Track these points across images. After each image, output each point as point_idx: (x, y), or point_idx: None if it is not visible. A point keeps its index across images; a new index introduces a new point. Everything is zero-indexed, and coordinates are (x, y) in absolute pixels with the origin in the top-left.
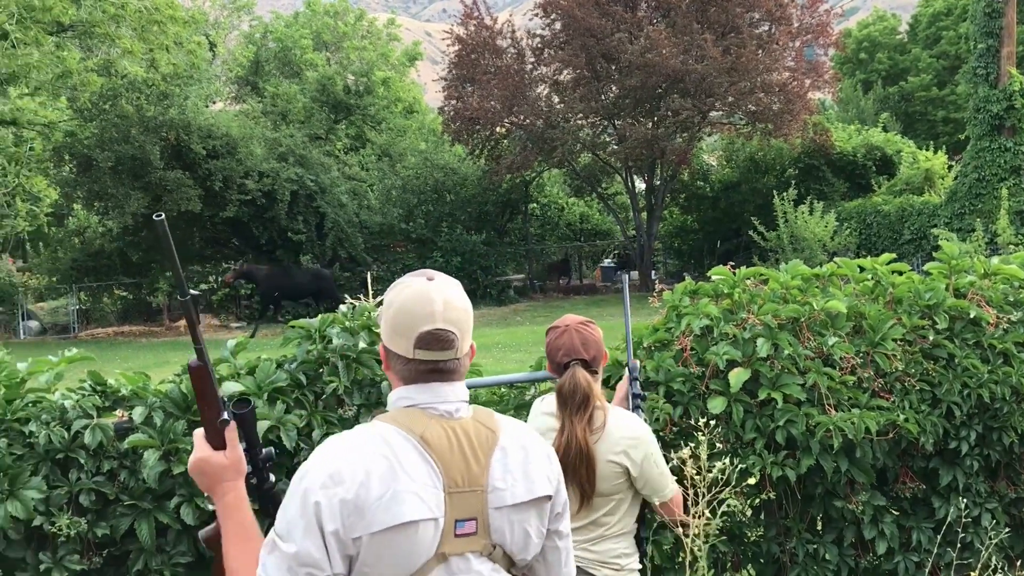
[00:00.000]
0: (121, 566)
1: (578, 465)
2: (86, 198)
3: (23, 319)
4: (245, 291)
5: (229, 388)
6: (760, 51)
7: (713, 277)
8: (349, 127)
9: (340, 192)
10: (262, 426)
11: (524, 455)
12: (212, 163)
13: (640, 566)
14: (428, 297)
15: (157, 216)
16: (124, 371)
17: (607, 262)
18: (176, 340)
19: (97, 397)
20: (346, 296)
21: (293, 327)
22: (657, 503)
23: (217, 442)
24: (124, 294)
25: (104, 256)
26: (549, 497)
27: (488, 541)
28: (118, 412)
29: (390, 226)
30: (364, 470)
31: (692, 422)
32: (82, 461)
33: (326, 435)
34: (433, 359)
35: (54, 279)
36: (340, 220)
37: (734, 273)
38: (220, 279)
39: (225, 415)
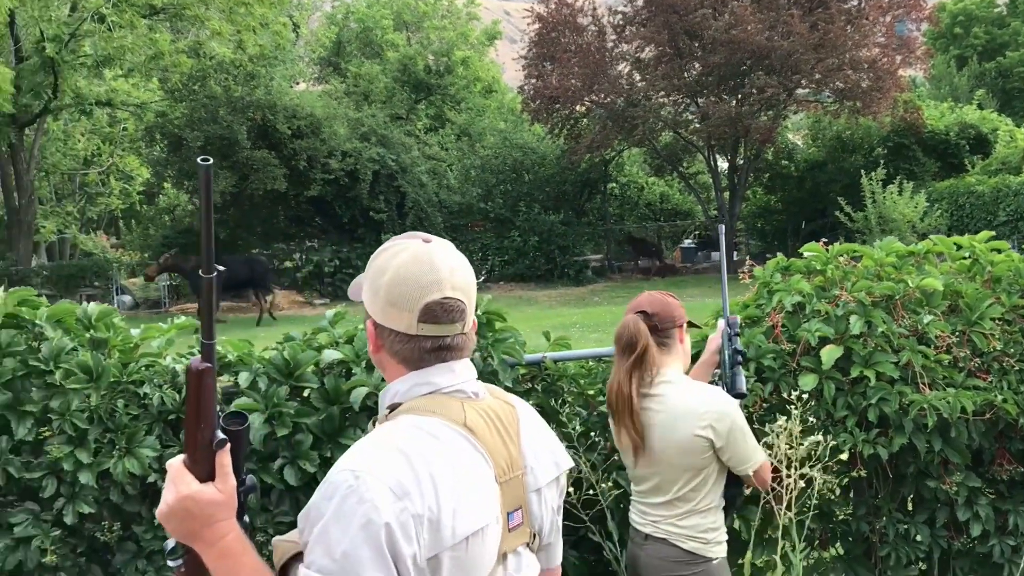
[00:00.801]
0: None
1: (621, 410)
2: (176, 177)
3: (117, 294)
4: (328, 268)
5: (328, 356)
6: (849, 26)
7: (805, 254)
8: (429, 107)
9: (420, 172)
10: (360, 392)
11: (540, 427)
12: (297, 143)
13: (726, 538)
14: (431, 261)
15: (204, 160)
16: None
17: (687, 243)
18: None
19: None
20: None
21: None
22: (751, 472)
23: (204, 471)
24: None
25: (193, 233)
26: (567, 470)
27: (531, 529)
28: (225, 377)
29: (469, 205)
30: (428, 475)
31: (783, 398)
32: None
33: None
34: (440, 334)
35: (146, 255)
36: (420, 199)
37: (827, 250)
38: (304, 257)
39: (218, 435)
